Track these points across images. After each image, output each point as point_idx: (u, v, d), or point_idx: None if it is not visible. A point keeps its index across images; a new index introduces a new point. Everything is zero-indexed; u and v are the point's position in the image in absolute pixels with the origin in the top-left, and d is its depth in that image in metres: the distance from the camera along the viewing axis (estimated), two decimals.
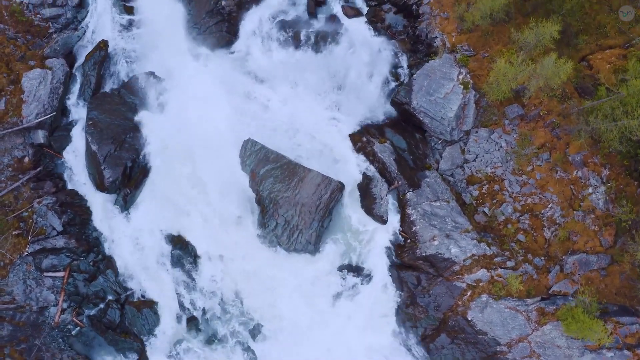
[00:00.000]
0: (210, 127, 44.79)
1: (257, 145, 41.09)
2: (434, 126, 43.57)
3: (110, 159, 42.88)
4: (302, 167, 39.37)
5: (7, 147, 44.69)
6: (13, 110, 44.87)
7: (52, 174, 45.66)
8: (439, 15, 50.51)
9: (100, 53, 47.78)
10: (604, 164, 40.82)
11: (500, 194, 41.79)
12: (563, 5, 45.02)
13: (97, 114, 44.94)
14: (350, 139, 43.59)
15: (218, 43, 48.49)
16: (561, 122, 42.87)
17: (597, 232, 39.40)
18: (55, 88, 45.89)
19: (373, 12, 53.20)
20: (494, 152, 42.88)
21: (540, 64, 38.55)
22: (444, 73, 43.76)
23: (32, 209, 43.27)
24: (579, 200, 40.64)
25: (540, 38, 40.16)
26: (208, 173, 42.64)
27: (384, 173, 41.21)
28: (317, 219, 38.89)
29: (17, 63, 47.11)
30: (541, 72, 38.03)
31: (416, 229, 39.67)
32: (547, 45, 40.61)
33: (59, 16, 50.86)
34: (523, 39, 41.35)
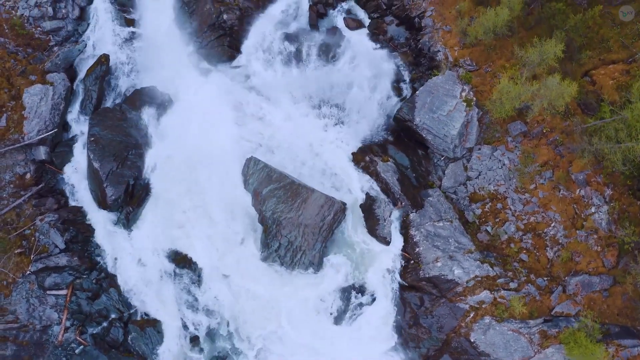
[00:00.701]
0: (213, 143, 44.75)
1: (260, 164, 41.00)
2: (436, 143, 43.51)
3: (113, 177, 42.75)
4: (305, 187, 39.31)
5: (9, 164, 44.55)
6: (14, 126, 44.70)
7: (54, 190, 45.53)
8: (441, 28, 50.33)
9: (102, 68, 47.54)
10: (607, 184, 40.81)
11: (503, 213, 41.78)
12: (567, 21, 44.85)
13: (99, 130, 44.75)
14: (353, 158, 43.53)
15: (220, 57, 48.24)
16: (564, 140, 42.81)
17: (600, 253, 39.43)
18: (57, 104, 45.69)
19: (375, 24, 53.01)
20: (496, 170, 42.83)
21: (544, 85, 38.42)
22: (447, 90, 43.61)
23: (34, 227, 43.18)
24: (582, 219, 40.66)
25: (544, 57, 39.97)
26: (211, 191, 42.56)
27: (388, 193, 41.18)
28: (320, 240, 38.89)
29: (18, 78, 46.88)
30: (545, 93, 37.92)
31: (419, 250, 39.69)
32: (551, 64, 40.38)
33: (60, 29, 50.60)
34: (527, 57, 41.12)
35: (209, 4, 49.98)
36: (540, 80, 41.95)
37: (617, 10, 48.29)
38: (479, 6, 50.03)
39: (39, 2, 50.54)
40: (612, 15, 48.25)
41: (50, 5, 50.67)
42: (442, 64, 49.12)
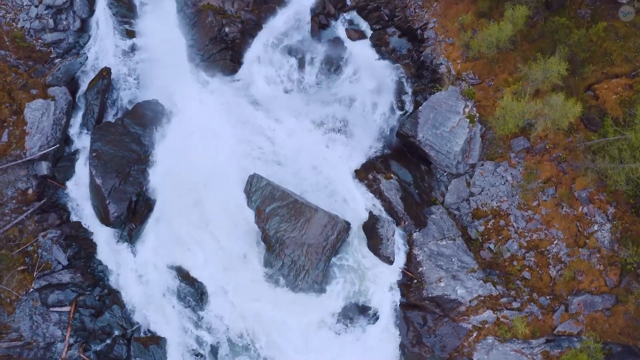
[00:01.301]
0: (215, 157, 44.76)
1: (263, 182, 40.95)
2: (439, 159, 43.47)
3: (115, 193, 42.70)
4: (309, 206, 39.30)
5: (11, 179, 44.46)
6: (16, 142, 44.60)
7: (56, 205, 45.46)
8: (444, 41, 50.20)
9: (103, 82, 47.38)
10: (610, 202, 40.84)
11: (505, 230, 41.82)
12: (570, 36, 44.66)
13: (101, 145, 44.65)
14: (356, 175, 43.49)
15: (222, 71, 48.09)
16: (567, 157, 42.80)
17: (602, 272, 39.52)
18: (58, 119, 45.57)
19: (377, 35, 52.83)
20: (499, 186, 42.85)
21: (548, 104, 38.35)
22: (450, 106, 43.55)
23: (37, 243, 43.17)
24: (585, 237, 40.72)
25: (548, 75, 39.85)
26: (213, 208, 42.54)
27: (391, 212, 41.19)
28: (323, 259, 38.95)
29: (19, 92, 46.70)
30: (549, 112, 37.85)
31: (422, 269, 39.77)
32: (555, 82, 40.30)
33: (61, 41, 50.42)
34: (530, 74, 41.03)
35: (210, 17, 49.79)
36: (543, 97, 41.87)
37: (621, 23, 48.09)
38: (481, 18, 49.91)
39: (40, 14, 50.34)
40: (616, 28, 48.06)
41: (51, 17, 50.49)
42: (445, 77, 49.04)
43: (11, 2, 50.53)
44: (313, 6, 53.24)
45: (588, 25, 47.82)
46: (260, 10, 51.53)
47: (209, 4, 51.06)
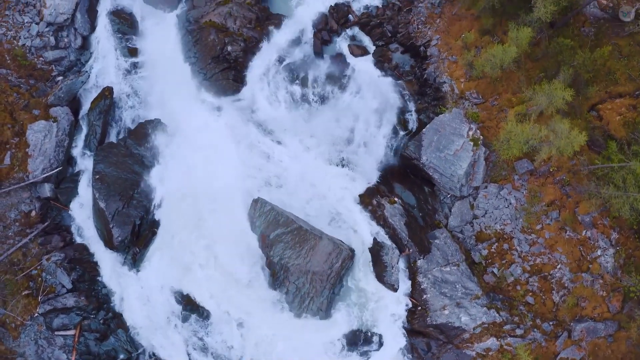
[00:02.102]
0: (218, 179, 44.70)
1: (267, 206, 40.95)
2: (443, 182, 43.48)
3: (119, 217, 42.67)
4: (313, 234, 39.32)
5: (14, 202, 44.39)
6: (19, 165, 44.47)
7: (60, 227, 45.49)
8: (447, 58, 49.96)
9: (106, 102, 47.22)
10: (613, 227, 40.95)
11: (509, 254, 41.93)
12: (574, 58, 44.50)
13: (104, 167, 44.56)
14: (360, 200, 43.44)
15: (225, 91, 47.89)
16: (571, 180, 42.81)
17: (605, 298, 39.71)
18: (61, 141, 45.42)
19: (380, 52, 52.54)
20: (503, 209, 42.89)
21: (553, 131, 38.29)
22: (453, 129, 43.47)
23: (41, 267, 43.24)
24: (588, 262, 40.85)
25: (553, 100, 39.76)
26: (217, 232, 42.62)
27: (395, 239, 41.22)
28: (328, 287, 39.05)
29: (21, 112, 46.50)
30: (554, 140, 37.77)
31: (427, 297, 39.89)
32: (560, 107, 40.21)
33: (62, 59, 50.14)
34: (535, 97, 40.93)
35: (212, 35, 49.49)
36: (547, 120, 41.80)
37: (624, 41, 47.96)
38: (485, 36, 49.71)
39: (41, 32, 50.02)
40: (620, 46, 47.87)
41: (52, 35, 50.17)
42: (448, 96, 48.90)
43: (12, 20, 50.18)
44: (315, 22, 52.91)
45: (592, 43, 47.75)
46: (262, 27, 51.21)
47: (211, 21, 50.72)
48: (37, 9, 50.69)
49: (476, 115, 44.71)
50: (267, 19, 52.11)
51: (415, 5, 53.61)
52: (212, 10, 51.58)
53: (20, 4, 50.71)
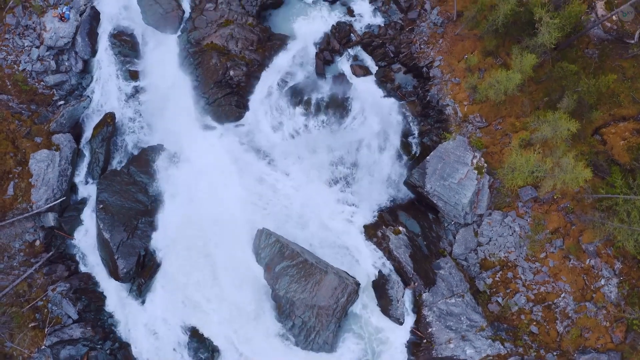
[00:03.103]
0: (222, 208, 44.65)
1: (272, 238, 40.98)
2: (447, 210, 43.52)
3: (123, 248, 42.69)
4: (319, 268, 39.39)
5: (18, 232, 44.39)
6: (22, 195, 44.39)
7: (64, 256, 45.59)
8: (450, 80, 49.74)
9: (108, 129, 47.02)
10: (617, 257, 41.06)
11: (513, 283, 42.12)
12: (579, 84, 44.35)
13: (107, 195, 44.51)
14: (365, 232, 43.43)
15: (227, 117, 47.68)
16: (575, 208, 42.87)
17: (609, 328, 39.95)
18: (64, 170, 45.32)
19: (383, 72, 52.28)
20: (507, 237, 43.00)
21: (558, 165, 38.27)
22: (457, 156, 43.41)
23: (46, 298, 43.33)
24: (592, 291, 41.05)
25: (558, 132, 39.69)
26: (222, 262, 42.67)
27: (400, 272, 41.33)
28: (334, 321, 39.20)
29: (23, 140, 46.34)
30: (559, 174, 37.76)
31: (432, 330, 40.09)
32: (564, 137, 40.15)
33: (63, 83, 49.86)
34: (540, 129, 40.87)
35: (214, 59, 49.16)
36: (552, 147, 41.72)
37: (628, 63, 47.83)
38: (488, 57, 49.46)
39: (42, 56, 49.68)
40: (623, 68, 47.72)
41: (52, 59, 49.85)
42: (451, 119, 48.77)
43: (12, 43, 49.80)
44: (317, 42, 52.55)
45: (596, 65, 47.65)
46: (264, 49, 50.87)
47: (213, 43, 50.38)
48: (37, 32, 50.30)
49: (480, 143, 44.56)
50: (268, 40, 51.75)
51: (417, 25, 53.25)
52: (213, 32, 51.18)
53: (20, 27, 50.33)
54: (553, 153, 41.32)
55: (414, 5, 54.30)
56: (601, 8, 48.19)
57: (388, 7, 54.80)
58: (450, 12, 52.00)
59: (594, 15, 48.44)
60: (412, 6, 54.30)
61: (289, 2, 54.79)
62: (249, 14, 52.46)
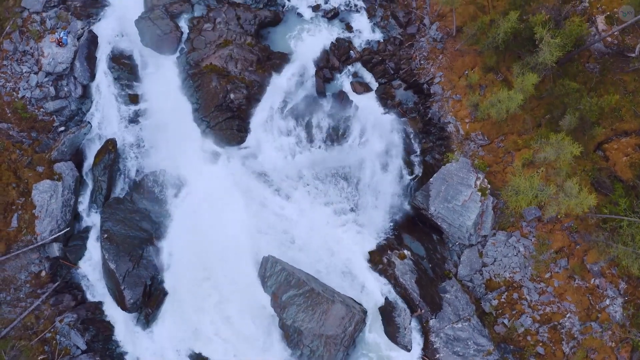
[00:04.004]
0: (226, 234, 44.60)
1: (278, 266, 41.06)
2: (452, 232, 43.63)
3: (130, 278, 42.76)
4: (326, 297, 39.51)
5: (23, 264, 44.40)
6: (26, 227, 44.34)
7: (70, 285, 45.57)
8: (451, 97, 49.66)
9: (110, 156, 46.87)
10: (622, 276, 41.24)
11: (519, 304, 42.33)
12: (581, 101, 44.32)
13: (111, 224, 44.47)
14: (370, 258, 43.53)
15: (229, 141, 47.53)
16: (579, 227, 43.01)
17: (614, 349, 40.26)
18: (67, 200, 45.24)
19: (383, 89, 52.15)
20: (512, 257, 43.17)
21: (562, 190, 38.32)
22: (461, 178, 43.44)
23: (54, 329, 43.47)
24: (597, 311, 41.29)
25: (561, 155, 39.68)
26: (228, 290, 42.79)
27: (406, 299, 41.48)
28: (342, 349, 39.38)
29: (25, 170, 46.21)
30: (563, 200, 37.81)
31: (440, 356, 40.34)
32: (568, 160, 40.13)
33: (63, 109, 49.63)
34: (543, 151, 40.86)
35: (214, 81, 48.95)
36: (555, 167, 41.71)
37: (629, 77, 47.71)
38: (488, 73, 49.36)
39: (40, 82, 49.42)
40: (625, 82, 47.61)
41: (51, 85, 49.59)
42: (453, 136, 48.77)
43: (10, 70, 49.51)
44: (317, 59, 52.34)
45: (597, 79, 47.55)
46: (264, 69, 50.65)
47: (212, 65, 50.15)
48: (35, 58, 49.99)
49: (483, 165, 44.57)
50: (268, 59, 51.52)
51: (416, 40, 53.08)
52: (212, 52, 50.93)
53: (18, 53, 50.01)
54: (557, 173, 41.36)
55: (412, 20, 54.10)
56: (601, 22, 47.96)
57: (387, 23, 54.57)
58: (450, 27, 51.82)
59: (594, 29, 48.21)
60: (411, 21, 54.10)
61: (287, 20, 54.53)
62: (248, 33, 52.19)
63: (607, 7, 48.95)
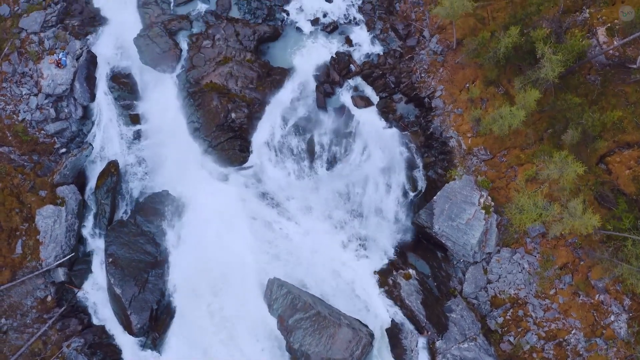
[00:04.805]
0: (231, 255, 44.71)
1: (283, 289, 41.16)
2: (456, 249, 43.72)
3: (136, 303, 42.85)
4: (332, 320, 39.65)
5: (29, 289, 44.47)
6: (31, 253, 44.36)
7: (77, 309, 45.61)
8: (453, 112, 49.58)
9: (112, 179, 46.83)
10: (626, 293, 41.37)
11: (524, 321, 42.52)
12: (583, 116, 44.30)
13: (116, 248, 44.52)
14: (375, 278, 43.58)
15: (232, 162, 47.48)
16: (583, 243, 43.07)
17: None
18: (71, 225, 45.22)
19: (384, 103, 52.02)
20: (516, 274, 43.32)
21: (567, 210, 38.37)
22: (464, 196, 43.48)
23: (62, 355, 43.59)
24: (602, 327, 41.48)
25: (565, 174, 39.69)
26: (234, 312, 42.89)
27: (413, 320, 41.60)
28: None
29: (27, 195, 46.15)
30: (567, 220, 37.88)
31: None
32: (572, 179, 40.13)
33: (64, 130, 49.53)
34: (546, 169, 40.86)
35: (215, 101, 48.81)
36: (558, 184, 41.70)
37: (631, 88, 47.59)
38: (489, 87, 49.25)
39: (40, 104, 49.28)
40: (626, 93, 47.48)
41: (51, 107, 49.46)
42: (455, 151, 48.73)
43: (9, 92, 49.36)
44: (317, 74, 52.22)
45: (599, 91, 47.43)
46: (264, 86, 50.50)
47: (212, 82, 50.00)
48: (35, 79, 49.82)
49: (487, 183, 44.60)
50: (268, 75, 51.35)
51: (417, 53, 52.90)
52: (212, 70, 50.75)
53: (17, 74, 49.86)
54: (561, 189, 41.34)
55: (412, 33, 53.88)
56: (602, 35, 47.79)
57: (386, 35, 54.35)
58: (450, 40, 51.63)
59: (595, 41, 48.06)
60: (411, 33, 53.88)
61: (286, 34, 54.33)
62: (247, 49, 51.98)
63: (607, 18, 48.74)
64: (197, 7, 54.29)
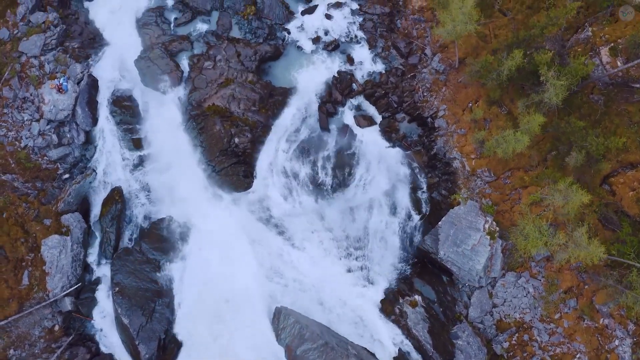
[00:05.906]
0: (238, 283, 44.74)
1: (291, 319, 41.36)
2: (462, 275, 43.96)
3: (143, 333, 43.03)
4: (340, 351, 39.86)
5: (37, 320, 44.62)
6: (37, 284, 44.43)
7: (84, 337, 45.78)
8: (456, 132, 49.55)
9: (117, 206, 46.83)
10: (630, 318, 41.70)
11: (529, 346, 42.88)
12: (587, 139, 44.29)
13: (122, 277, 44.63)
14: (382, 308, 43.77)
15: (236, 188, 47.43)
16: (587, 267, 43.27)
17: None
18: (77, 255, 45.28)
19: (387, 123, 51.93)
20: (521, 298, 43.60)
21: (572, 240, 38.54)
22: (469, 222, 43.62)
23: None
24: (606, 352, 41.86)
25: (569, 202, 39.82)
26: (242, 342, 42.97)
27: (420, 350, 41.91)
28: None
29: (32, 223, 46.14)
30: (573, 250, 38.09)
31: None
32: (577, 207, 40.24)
33: (67, 156, 49.39)
34: (551, 199, 40.98)
35: (218, 125, 48.67)
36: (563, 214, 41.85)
37: (634, 107, 47.55)
38: (492, 106, 49.18)
39: (42, 130, 49.07)
40: (629, 113, 47.44)
41: (54, 132, 49.25)
42: (459, 172, 48.77)
43: (11, 118, 49.12)
44: (319, 93, 52.07)
45: (602, 111, 47.37)
46: (267, 108, 50.33)
47: (214, 105, 49.81)
48: (36, 105, 49.57)
49: (491, 209, 44.71)
50: (270, 96, 51.16)
51: (419, 71, 52.73)
52: (214, 92, 50.55)
53: (18, 100, 49.59)
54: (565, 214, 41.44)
55: (414, 51, 53.65)
56: (605, 55, 47.63)
57: (388, 53, 54.12)
58: (452, 59, 51.46)
59: (598, 60, 47.92)
60: (412, 51, 53.66)
61: (287, 53, 54.05)
62: (249, 70, 51.75)
63: (610, 37, 48.49)
64: (198, 27, 53.90)
